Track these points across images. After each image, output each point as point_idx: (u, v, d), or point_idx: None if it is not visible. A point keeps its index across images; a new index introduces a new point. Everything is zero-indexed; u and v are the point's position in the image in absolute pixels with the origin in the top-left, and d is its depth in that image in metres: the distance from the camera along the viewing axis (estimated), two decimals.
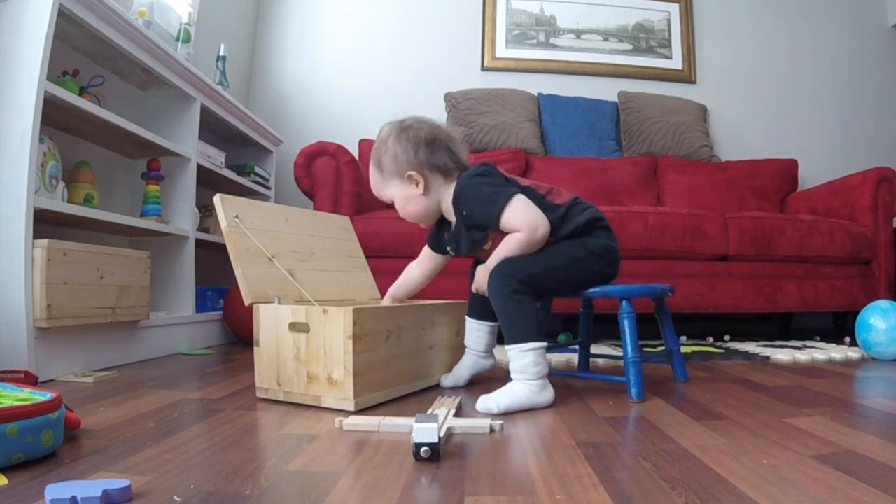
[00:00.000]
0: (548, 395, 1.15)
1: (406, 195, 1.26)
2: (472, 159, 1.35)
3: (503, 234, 1.24)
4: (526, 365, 1.13)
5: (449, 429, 0.91)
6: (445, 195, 1.26)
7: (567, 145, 3.05)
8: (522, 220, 1.17)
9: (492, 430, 0.94)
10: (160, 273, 2.00)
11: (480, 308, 1.35)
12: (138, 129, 1.75)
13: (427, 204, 1.27)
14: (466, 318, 1.41)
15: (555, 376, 1.44)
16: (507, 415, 1.07)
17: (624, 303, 1.25)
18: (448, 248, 1.36)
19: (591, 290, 1.27)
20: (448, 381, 1.37)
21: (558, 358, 1.78)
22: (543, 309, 1.44)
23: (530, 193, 1.24)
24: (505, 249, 1.20)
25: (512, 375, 1.15)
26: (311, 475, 0.73)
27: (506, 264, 1.18)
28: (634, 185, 2.92)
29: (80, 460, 0.77)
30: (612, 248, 1.27)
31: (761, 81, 3.39)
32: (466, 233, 1.26)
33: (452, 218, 1.29)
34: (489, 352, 1.42)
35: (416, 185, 1.24)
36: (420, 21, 3.27)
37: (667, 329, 1.43)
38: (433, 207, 1.28)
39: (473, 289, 1.29)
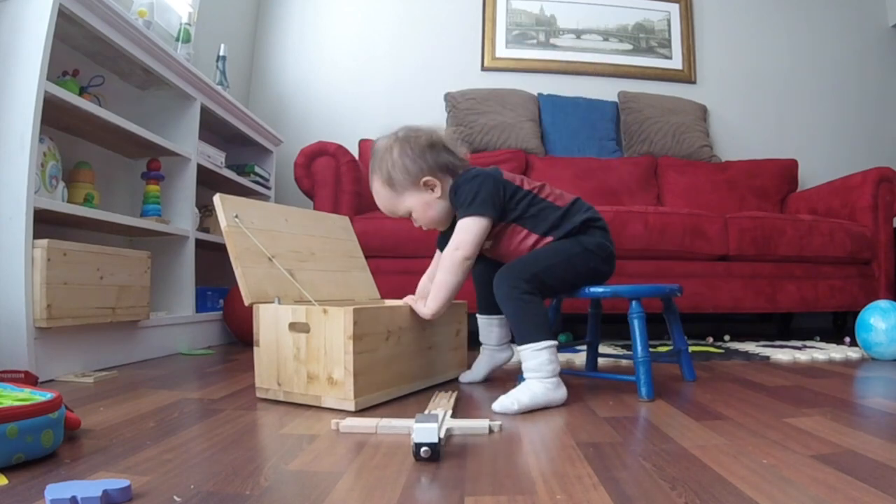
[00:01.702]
0: (562, 392, 1.16)
1: (424, 202, 1.28)
2: (472, 159, 1.37)
3: (506, 233, 1.27)
4: (541, 363, 1.15)
5: (448, 429, 0.91)
6: None
7: (567, 145, 3.05)
8: (461, 237, 1.22)
9: (491, 430, 0.94)
10: (160, 273, 2.00)
11: (486, 302, 1.37)
12: (138, 129, 1.75)
13: (445, 205, 1.29)
14: (478, 315, 1.44)
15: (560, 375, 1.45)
16: (516, 415, 1.08)
17: (634, 303, 1.26)
18: None
19: (601, 290, 1.28)
20: (466, 377, 1.41)
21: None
22: (553, 310, 1.45)
23: (531, 197, 1.27)
24: (438, 277, 1.25)
25: (526, 375, 1.17)
26: (311, 475, 0.73)
27: (513, 266, 1.22)
28: (634, 185, 2.92)
29: (80, 460, 0.77)
30: (605, 246, 1.30)
31: (761, 81, 3.39)
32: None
33: None
34: (503, 344, 1.44)
35: (432, 189, 1.27)
36: (420, 21, 3.27)
37: (675, 329, 1.44)
38: (450, 208, 1.30)
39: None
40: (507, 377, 1.48)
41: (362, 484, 0.70)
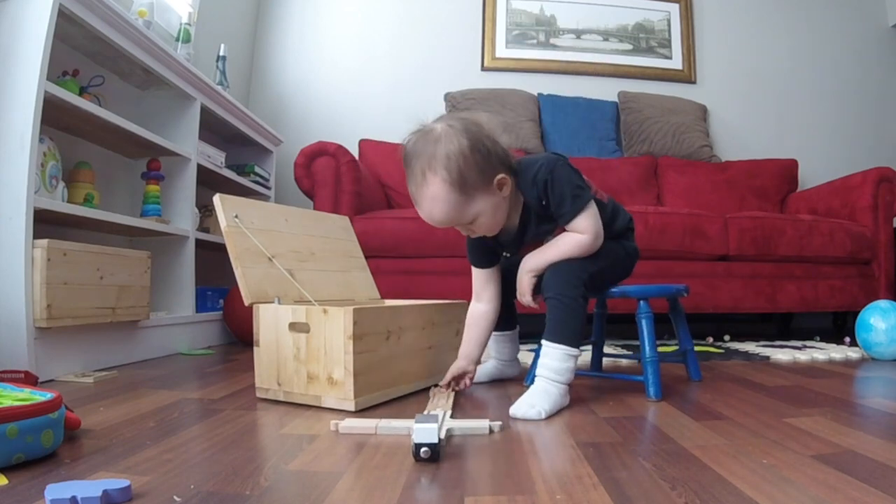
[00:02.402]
0: (568, 398, 1.15)
1: (494, 205, 1.11)
2: None
3: (562, 230, 1.18)
4: (565, 369, 1.11)
5: (449, 430, 0.91)
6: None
7: (567, 145, 3.04)
8: (593, 226, 1.14)
9: (491, 430, 0.94)
10: (160, 273, 2.00)
11: (501, 318, 1.34)
12: (138, 129, 1.75)
13: (507, 206, 1.14)
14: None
15: None
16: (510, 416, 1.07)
17: (642, 303, 1.27)
18: (504, 252, 1.28)
19: (610, 290, 1.29)
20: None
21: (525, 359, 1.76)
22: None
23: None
24: (559, 250, 1.14)
25: (543, 372, 1.11)
26: (311, 475, 0.73)
27: (569, 266, 1.15)
28: (634, 185, 2.92)
29: (80, 460, 0.77)
30: (638, 251, 1.32)
31: (761, 81, 3.39)
32: (537, 225, 1.18)
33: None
34: (514, 359, 1.43)
35: (502, 188, 1.10)
36: (420, 21, 3.27)
37: (681, 328, 1.45)
38: (509, 208, 1.16)
39: (518, 296, 1.21)
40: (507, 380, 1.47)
41: (362, 484, 0.70)
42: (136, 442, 0.86)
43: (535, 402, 1.06)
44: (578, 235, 1.14)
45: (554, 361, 1.11)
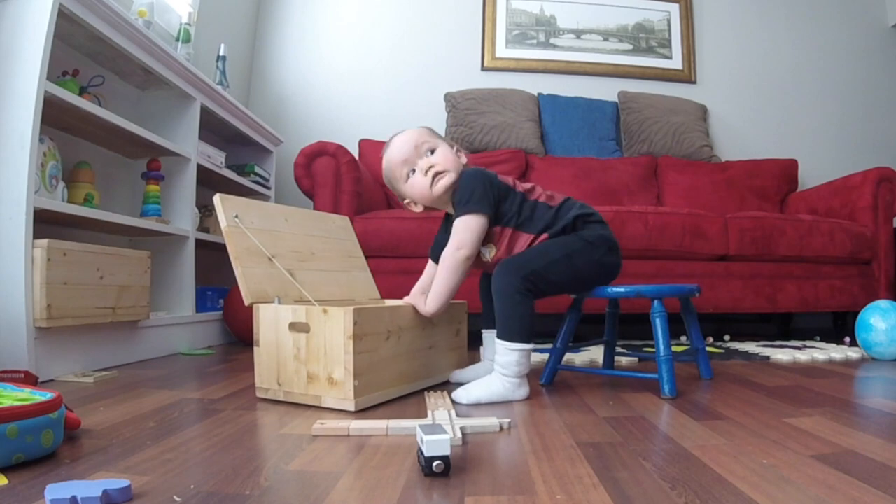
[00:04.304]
0: (523, 391, 1.21)
1: (450, 157, 1.31)
2: (472, 160, 1.39)
3: (505, 240, 1.28)
4: (509, 362, 1.19)
5: (462, 428, 0.91)
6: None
7: (567, 145, 3.05)
8: (462, 236, 1.24)
9: (501, 427, 0.95)
10: (160, 273, 2.00)
11: (494, 317, 1.35)
12: (138, 129, 1.75)
13: (457, 174, 1.29)
14: (483, 330, 1.42)
15: (560, 374, 1.45)
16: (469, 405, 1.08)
17: (656, 302, 1.28)
18: None
19: (622, 290, 1.29)
20: (457, 376, 1.39)
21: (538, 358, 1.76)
22: (574, 312, 1.43)
23: (522, 197, 1.29)
24: (437, 286, 1.27)
25: (495, 367, 1.21)
26: (311, 475, 0.73)
27: (512, 261, 1.23)
28: (634, 185, 2.92)
29: (80, 460, 0.77)
30: (606, 237, 1.31)
31: (761, 81, 3.39)
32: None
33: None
34: None
35: (456, 151, 1.33)
36: (420, 21, 3.27)
37: (692, 328, 1.46)
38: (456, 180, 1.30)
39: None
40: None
41: (362, 484, 0.70)
42: (136, 442, 0.86)
43: (470, 390, 1.18)
44: (450, 251, 1.25)
45: (499, 355, 1.20)
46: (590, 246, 1.27)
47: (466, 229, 1.24)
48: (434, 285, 1.27)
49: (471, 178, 1.26)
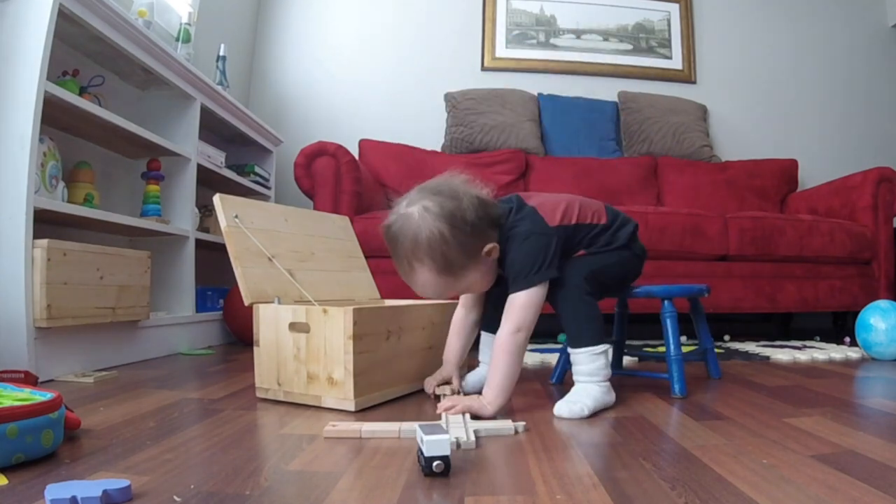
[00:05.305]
0: (613, 395, 1.14)
1: (485, 271, 1.12)
2: (472, 159, 1.34)
3: None
4: (598, 368, 1.12)
5: (475, 431, 0.91)
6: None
7: (567, 145, 3.05)
8: (523, 316, 1.07)
9: (516, 431, 0.94)
10: (160, 273, 2.00)
11: (496, 322, 1.33)
12: (138, 129, 1.75)
13: (496, 266, 1.14)
14: (482, 332, 1.38)
15: (569, 373, 1.45)
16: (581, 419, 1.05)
17: (666, 302, 1.29)
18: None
19: (634, 290, 1.32)
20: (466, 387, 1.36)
21: (533, 358, 1.77)
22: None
23: (573, 229, 1.18)
24: (495, 375, 1.06)
25: (580, 378, 1.12)
26: (311, 475, 0.73)
27: (568, 266, 1.15)
28: (634, 185, 2.92)
29: (80, 460, 0.77)
30: (646, 250, 1.33)
31: (761, 81, 3.39)
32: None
33: None
34: None
35: (490, 254, 1.10)
36: (420, 21, 3.27)
37: (701, 327, 1.47)
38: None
39: (440, 410, 1.05)
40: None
41: (362, 484, 0.70)
42: (136, 442, 0.86)
43: (583, 401, 1.07)
44: (508, 334, 1.07)
45: (582, 364, 1.12)
46: (636, 258, 1.28)
47: (528, 306, 1.07)
48: (493, 376, 1.06)
49: (528, 246, 1.09)
